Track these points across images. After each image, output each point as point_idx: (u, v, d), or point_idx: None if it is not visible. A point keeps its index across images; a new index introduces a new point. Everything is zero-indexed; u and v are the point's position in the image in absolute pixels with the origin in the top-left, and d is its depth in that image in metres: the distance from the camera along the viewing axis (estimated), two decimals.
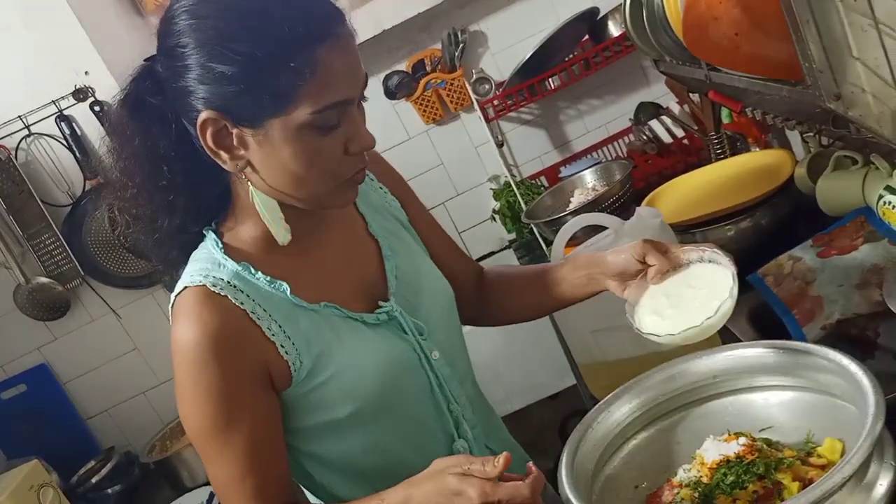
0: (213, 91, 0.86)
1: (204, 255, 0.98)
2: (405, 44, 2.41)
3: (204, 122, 0.88)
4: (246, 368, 0.93)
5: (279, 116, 0.87)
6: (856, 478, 0.73)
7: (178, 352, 0.93)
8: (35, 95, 2.14)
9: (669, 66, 1.58)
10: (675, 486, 0.92)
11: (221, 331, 0.91)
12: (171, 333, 0.94)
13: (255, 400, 0.94)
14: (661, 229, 1.22)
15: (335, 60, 0.87)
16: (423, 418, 1.06)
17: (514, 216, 2.46)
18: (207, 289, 0.93)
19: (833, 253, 1.26)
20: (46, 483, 1.85)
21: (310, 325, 0.97)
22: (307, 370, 0.96)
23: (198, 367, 0.91)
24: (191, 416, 0.94)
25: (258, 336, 0.94)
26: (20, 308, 2.25)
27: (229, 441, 0.93)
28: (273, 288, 0.97)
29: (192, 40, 0.86)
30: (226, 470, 0.94)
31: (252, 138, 0.89)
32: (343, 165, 0.93)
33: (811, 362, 0.92)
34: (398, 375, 1.02)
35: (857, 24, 0.82)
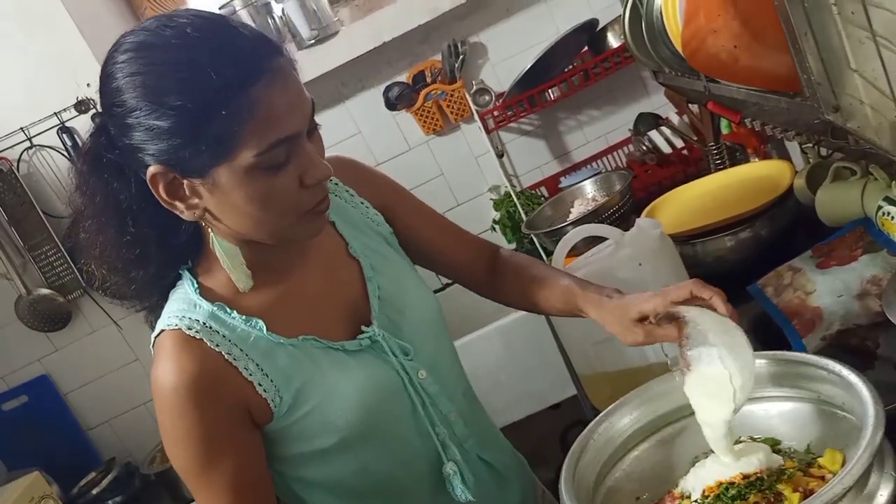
0: (155, 146, 0.85)
1: (180, 296, 0.97)
2: (405, 55, 2.42)
3: (153, 176, 0.87)
4: (224, 412, 0.93)
5: (224, 163, 0.85)
6: (856, 488, 0.73)
7: (158, 396, 0.93)
8: (37, 107, 2.15)
9: (668, 77, 1.59)
10: (675, 497, 0.92)
11: (198, 377, 0.91)
12: (152, 378, 0.94)
13: (234, 438, 0.94)
14: (660, 240, 1.22)
15: (272, 98, 0.84)
16: (410, 439, 1.05)
17: (514, 226, 2.46)
18: (183, 333, 0.93)
19: (832, 264, 1.26)
20: (47, 495, 1.85)
21: (288, 361, 0.96)
22: (287, 405, 0.96)
23: (177, 413, 0.92)
24: (174, 456, 0.95)
25: (235, 377, 0.94)
26: (21, 319, 2.25)
27: (212, 480, 0.93)
28: (249, 326, 0.96)
29: (128, 98, 0.85)
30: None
31: (202, 187, 0.88)
32: (301, 199, 0.90)
33: (811, 373, 0.92)
34: (382, 400, 1.01)
35: (855, 37, 0.83)
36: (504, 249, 1.26)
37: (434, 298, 1.14)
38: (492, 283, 1.22)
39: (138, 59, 0.85)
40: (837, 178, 1.43)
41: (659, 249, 1.21)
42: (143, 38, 0.86)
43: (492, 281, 1.22)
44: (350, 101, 2.42)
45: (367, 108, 2.43)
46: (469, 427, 1.11)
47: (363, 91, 2.42)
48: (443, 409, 1.07)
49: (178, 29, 0.84)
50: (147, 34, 0.86)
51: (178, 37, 0.84)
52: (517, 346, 2.11)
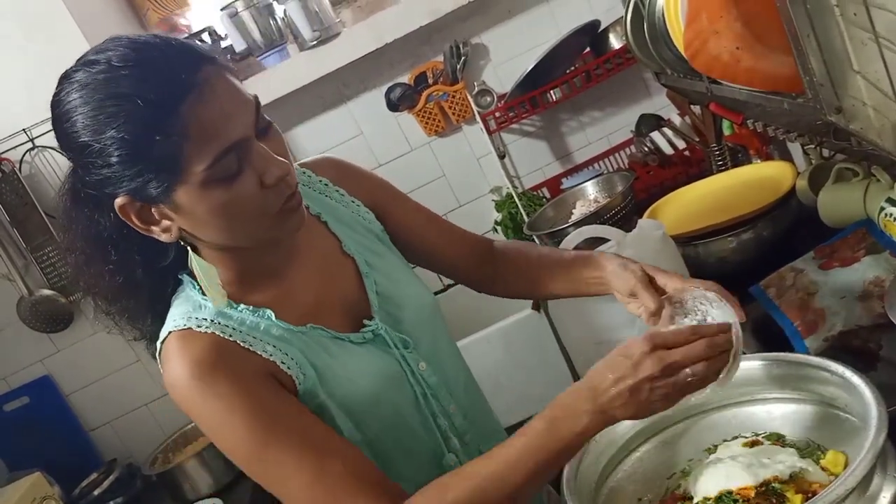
0: (114, 179, 0.86)
1: (182, 300, 0.97)
2: (407, 56, 2.43)
3: (121, 207, 0.88)
4: (254, 376, 0.91)
5: (177, 184, 0.85)
6: (858, 490, 0.73)
7: (184, 395, 0.90)
8: (39, 108, 2.11)
9: (670, 78, 1.59)
10: (678, 498, 0.92)
11: (217, 359, 0.90)
12: (165, 381, 0.92)
13: (279, 396, 0.91)
14: (662, 241, 1.22)
15: (205, 110, 0.84)
16: (415, 429, 1.06)
17: (515, 227, 2.46)
18: (192, 330, 0.92)
19: (835, 265, 1.26)
20: (49, 496, 1.85)
21: (301, 346, 0.97)
22: (312, 382, 0.95)
23: (208, 397, 0.88)
24: (231, 445, 0.89)
25: (254, 358, 0.93)
26: (23, 320, 2.25)
27: (282, 445, 0.87)
28: (258, 316, 0.97)
29: (77, 138, 0.86)
30: (300, 477, 0.87)
31: (168, 210, 0.89)
32: (268, 200, 0.90)
33: (813, 374, 0.92)
34: (388, 389, 1.02)
35: (858, 38, 0.83)
36: (497, 241, 1.26)
37: (430, 293, 1.15)
38: (491, 276, 1.22)
39: (75, 99, 0.85)
40: (840, 179, 1.43)
41: (661, 250, 1.21)
42: (77, 78, 0.86)
43: (491, 275, 1.22)
44: (352, 102, 2.42)
45: (368, 109, 2.43)
46: (469, 421, 1.11)
47: (365, 92, 2.42)
48: (443, 401, 1.08)
49: (104, 63, 0.85)
50: (79, 73, 0.87)
51: (105, 71, 0.84)
52: (518, 347, 2.10)
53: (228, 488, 2.04)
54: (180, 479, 2.05)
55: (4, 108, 2.14)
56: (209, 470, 2.05)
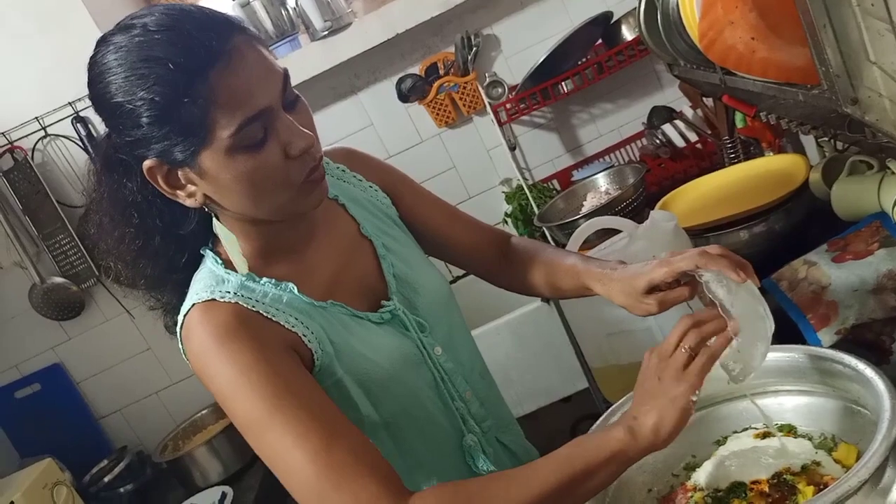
0: (144, 142, 0.88)
1: (205, 275, 0.98)
2: (418, 47, 2.42)
3: (149, 170, 0.90)
4: (275, 345, 0.90)
5: (204, 149, 0.87)
6: (871, 482, 0.73)
7: (205, 360, 0.90)
8: (51, 97, 2.16)
9: (683, 70, 1.58)
10: (688, 489, 0.92)
11: (240, 325, 0.90)
12: (188, 352, 0.93)
13: (297, 369, 0.90)
14: (675, 233, 1.22)
15: (233, 78, 0.85)
16: (434, 415, 1.06)
17: (525, 219, 2.46)
18: (216, 301, 0.92)
19: (848, 258, 1.25)
20: (60, 482, 1.87)
21: (322, 321, 0.97)
22: (329, 358, 0.95)
23: (228, 357, 0.88)
24: (243, 410, 0.88)
25: (277, 328, 0.93)
26: (35, 308, 2.27)
27: (291, 412, 0.85)
28: (280, 289, 0.97)
29: (110, 99, 0.87)
30: (305, 447, 0.84)
31: (194, 174, 0.90)
32: (291, 171, 0.91)
33: (826, 367, 0.91)
34: (407, 371, 1.02)
35: (874, 29, 0.82)
36: (515, 237, 1.27)
37: (445, 280, 1.16)
38: (504, 270, 1.23)
39: (111, 61, 0.87)
40: (854, 172, 1.42)
41: (673, 242, 1.21)
42: (114, 40, 0.88)
43: (504, 268, 1.23)
44: (362, 92, 2.42)
45: (379, 100, 2.43)
46: (485, 408, 1.12)
47: (376, 83, 2.42)
48: (458, 387, 1.08)
49: (140, 27, 0.86)
50: (116, 36, 0.88)
51: (140, 34, 0.86)
52: (528, 339, 2.11)
53: (238, 476, 2.06)
54: (190, 466, 2.06)
55: (17, 97, 2.16)
56: (219, 458, 2.06)
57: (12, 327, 2.32)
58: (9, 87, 2.15)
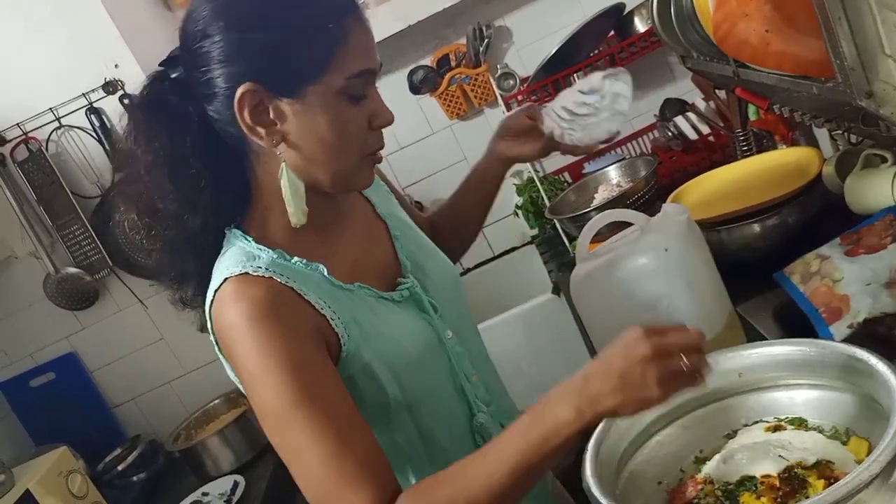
0: (250, 65, 0.89)
1: (235, 251, 0.96)
2: (430, 39, 2.42)
3: (242, 96, 0.90)
4: (307, 338, 0.90)
5: (316, 83, 0.90)
6: (882, 476, 0.73)
7: (236, 336, 0.89)
8: (66, 88, 2.17)
9: (696, 62, 1.58)
10: (699, 482, 0.92)
11: (275, 304, 0.89)
12: (217, 328, 0.92)
13: (323, 362, 0.91)
14: (687, 226, 1.21)
15: (360, 31, 0.92)
16: (449, 398, 1.07)
17: (536, 212, 2.46)
18: (249, 275, 0.91)
19: (861, 252, 1.25)
20: (74, 469, 1.88)
21: (349, 304, 0.97)
22: (354, 346, 0.95)
23: (260, 342, 0.87)
24: (264, 395, 0.88)
25: (309, 309, 0.92)
26: (49, 297, 2.29)
27: (312, 409, 0.86)
28: (310, 270, 0.97)
29: (223, 20, 0.89)
30: (318, 449, 0.85)
31: (290, 108, 0.91)
32: (367, 140, 0.97)
33: (838, 361, 0.91)
34: (427, 352, 1.03)
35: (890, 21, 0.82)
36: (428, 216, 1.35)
37: (451, 265, 1.18)
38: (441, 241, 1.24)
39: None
40: (867, 165, 1.42)
41: (685, 235, 1.20)
42: None
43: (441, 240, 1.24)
44: None
45: (391, 91, 2.42)
46: (489, 393, 1.13)
47: (387, 74, 2.42)
48: (466, 371, 1.09)
49: None
50: None
51: None
52: (538, 330, 2.11)
53: (250, 465, 2.07)
54: (202, 455, 2.08)
55: (31, 88, 2.17)
56: (230, 447, 2.08)
57: (27, 317, 2.34)
58: (23, 79, 2.16)
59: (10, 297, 2.33)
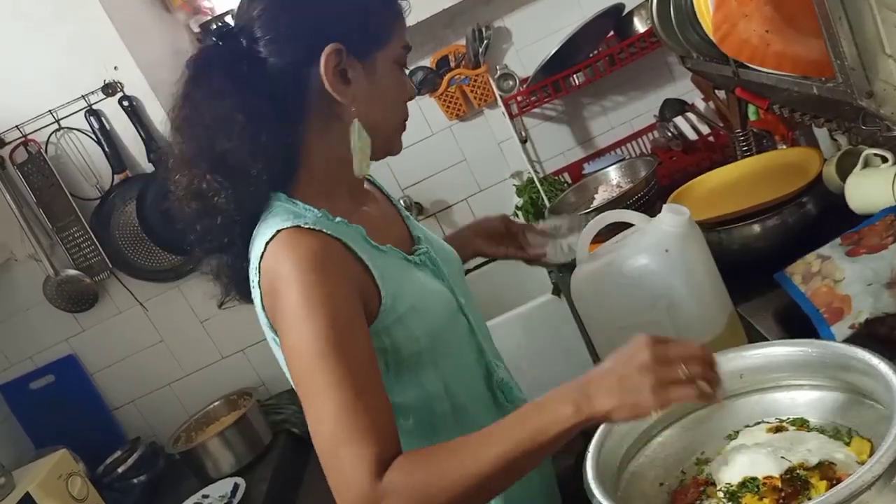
0: (337, 28, 1.00)
1: (280, 211, 1.00)
2: (429, 40, 2.42)
3: (329, 56, 0.99)
4: (350, 292, 0.95)
5: (382, 49, 1.03)
6: (884, 477, 0.73)
7: (284, 278, 0.93)
8: (65, 90, 2.17)
9: (696, 62, 1.58)
10: (700, 483, 0.92)
11: (326, 255, 0.94)
12: (266, 274, 0.96)
13: (359, 320, 0.95)
14: (687, 226, 1.21)
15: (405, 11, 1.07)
16: (469, 357, 1.14)
17: (536, 212, 2.46)
18: (301, 227, 0.96)
19: (862, 252, 1.24)
20: (74, 472, 1.88)
21: (385, 264, 1.03)
22: (392, 299, 1.00)
23: (308, 287, 0.92)
24: (302, 337, 0.92)
25: (355, 263, 0.98)
26: (49, 300, 2.28)
27: (341, 360, 0.90)
28: (351, 229, 1.02)
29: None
30: (338, 396, 0.89)
31: (361, 70, 1.02)
32: (405, 108, 1.10)
33: (839, 361, 0.91)
34: (450, 314, 1.11)
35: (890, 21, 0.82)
36: None
37: (455, 252, 1.25)
38: None
39: None
40: (868, 165, 1.41)
41: (686, 235, 1.20)
42: None
43: None
44: None
45: None
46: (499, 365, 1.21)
47: None
48: (482, 333, 1.18)
49: None
50: None
51: None
52: (539, 331, 2.11)
53: (250, 468, 2.07)
54: (203, 458, 2.08)
55: (31, 90, 2.17)
56: (231, 449, 2.07)
57: (27, 319, 2.34)
58: (22, 81, 2.16)
59: (10, 299, 2.32)
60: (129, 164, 2.23)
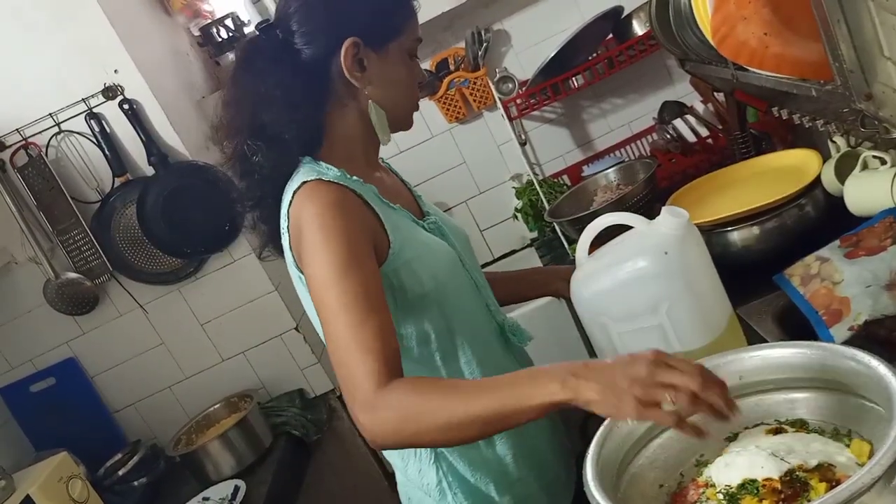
0: (355, 23, 1.15)
1: (306, 169, 1.16)
2: (429, 43, 2.42)
3: (348, 47, 1.16)
4: (362, 228, 1.10)
5: (396, 41, 1.19)
6: (884, 479, 0.73)
7: (308, 219, 1.09)
8: (65, 93, 2.17)
9: (695, 65, 1.58)
10: (700, 485, 0.92)
11: (344, 199, 1.11)
12: (293, 218, 1.12)
13: (369, 253, 1.09)
14: (686, 229, 1.21)
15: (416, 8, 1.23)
16: (475, 310, 1.26)
17: (536, 215, 2.46)
18: (322, 180, 1.12)
19: (861, 254, 1.25)
20: (75, 475, 1.88)
21: (394, 217, 1.18)
22: (399, 246, 1.14)
23: (327, 221, 1.07)
24: (320, 266, 1.06)
25: (369, 213, 1.13)
26: (49, 302, 2.28)
27: (351, 282, 1.04)
28: (366, 187, 1.17)
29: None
30: (348, 317, 1.03)
31: (376, 59, 1.18)
32: (416, 90, 1.26)
33: (838, 363, 0.91)
34: (454, 269, 1.23)
35: (889, 24, 0.82)
36: None
37: (462, 228, 1.38)
38: None
39: None
40: (866, 167, 1.42)
41: (685, 238, 1.20)
42: None
43: None
44: None
45: None
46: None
47: None
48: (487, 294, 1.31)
49: None
50: None
51: None
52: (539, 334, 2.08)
53: (250, 470, 2.07)
54: (203, 460, 2.08)
55: (31, 93, 2.17)
56: (232, 452, 2.07)
57: (27, 322, 2.34)
58: (23, 84, 2.16)
59: (10, 302, 2.32)
60: (130, 167, 2.23)
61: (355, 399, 1.00)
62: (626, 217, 1.29)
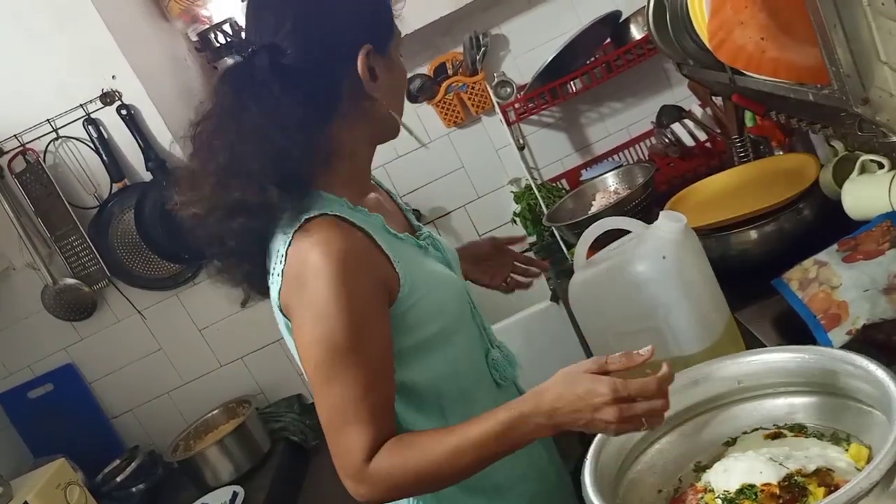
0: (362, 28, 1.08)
1: (315, 198, 1.05)
2: (427, 47, 2.42)
3: (365, 56, 1.06)
4: (373, 287, 1.01)
5: (392, 42, 1.12)
6: (882, 484, 0.73)
7: (314, 272, 0.98)
8: (63, 99, 2.17)
9: (692, 69, 1.58)
10: (698, 490, 0.92)
11: (352, 249, 1.00)
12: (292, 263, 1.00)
13: (381, 317, 1.02)
14: (685, 233, 1.21)
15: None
16: (474, 339, 1.19)
17: (534, 219, 2.46)
18: (329, 217, 1.01)
19: (859, 258, 1.25)
20: (73, 481, 1.88)
21: (402, 250, 1.09)
22: (409, 286, 1.05)
23: (334, 284, 0.97)
24: (323, 333, 0.98)
25: (377, 252, 1.04)
26: (47, 308, 2.28)
27: (359, 356, 0.98)
28: (371, 218, 1.09)
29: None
30: (348, 391, 0.98)
31: (383, 63, 1.10)
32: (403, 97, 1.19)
33: (836, 367, 0.91)
34: (458, 296, 1.16)
35: (885, 28, 0.82)
36: None
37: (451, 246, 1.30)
38: None
39: None
40: (864, 171, 1.42)
41: (683, 242, 1.20)
42: None
43: None
44: None
45: None
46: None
47: None
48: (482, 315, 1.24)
49: None
50: None
51: None
52: (537, 337, 2.11)
53: (249, 476, 2.07)
54: (201, 466, 2.07)
55: (29, 99, 2.17)
56: (230, 458, 2.07)
57: (25, 328, 2.34)
58: (21, 90, 2.16)
59: (9, 308, 2.32)
60: (128, 172, 2.24)
61: (346, 470, 0.99)
62: (624, 221, 1.29)
